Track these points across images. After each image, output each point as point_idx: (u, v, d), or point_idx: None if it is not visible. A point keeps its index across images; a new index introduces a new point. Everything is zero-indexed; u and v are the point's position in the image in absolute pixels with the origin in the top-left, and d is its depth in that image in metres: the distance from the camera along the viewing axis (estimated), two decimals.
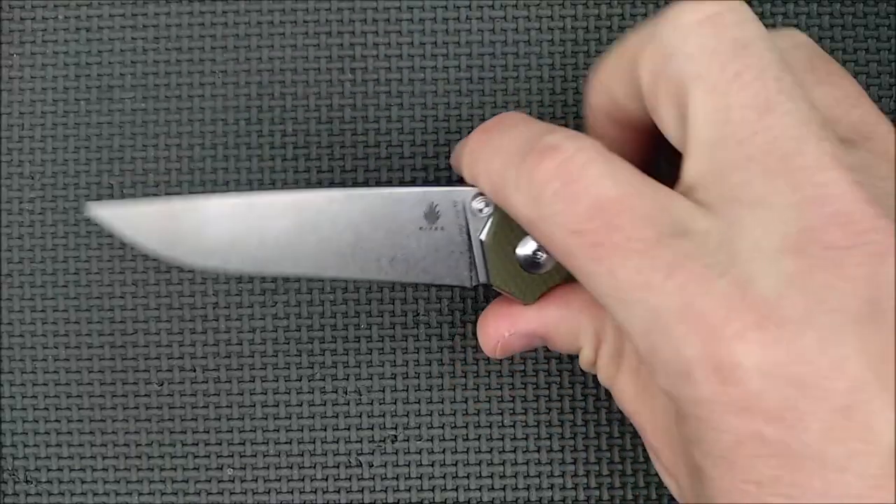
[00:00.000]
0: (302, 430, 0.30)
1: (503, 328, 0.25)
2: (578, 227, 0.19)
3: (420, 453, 0.30)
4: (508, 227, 0.24)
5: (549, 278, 0.24)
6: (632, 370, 0.24)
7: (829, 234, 0.18)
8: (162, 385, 0.30)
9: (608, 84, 0.23)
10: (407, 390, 0.30)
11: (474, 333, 0.30)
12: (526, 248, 0.24)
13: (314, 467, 0.30)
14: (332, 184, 0.30)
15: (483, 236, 0.24)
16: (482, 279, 0.25)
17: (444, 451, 0.30)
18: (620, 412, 0.30)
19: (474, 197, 0.24)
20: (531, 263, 0.24)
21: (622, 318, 0.20)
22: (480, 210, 0.24)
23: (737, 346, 0.18)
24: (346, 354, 0.30)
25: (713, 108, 0.19)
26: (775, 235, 0.18)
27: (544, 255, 0.24)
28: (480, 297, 0.30)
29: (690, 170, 0.20)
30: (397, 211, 0.24)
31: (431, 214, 0.24)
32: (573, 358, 0.30)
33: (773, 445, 0.18)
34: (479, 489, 0.30)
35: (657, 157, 0.22)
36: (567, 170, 0.20)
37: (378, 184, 0.30)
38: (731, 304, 0.18)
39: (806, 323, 0.18)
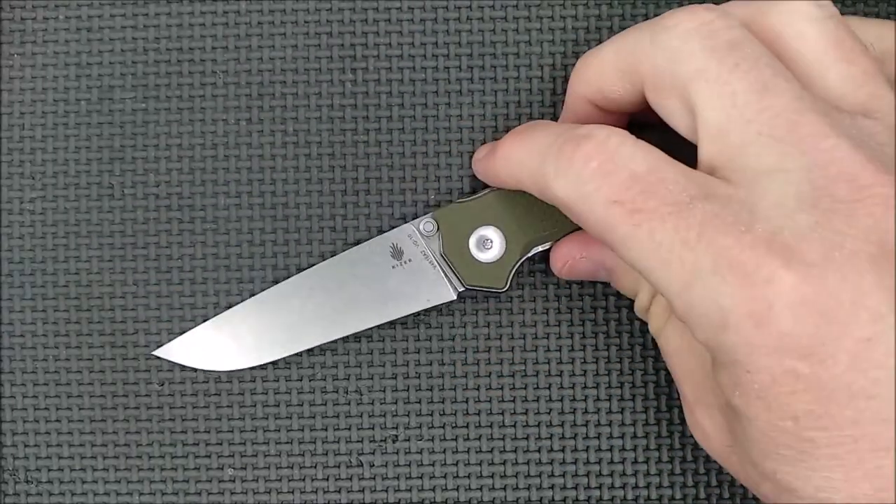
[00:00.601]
0: (303, 430, 0.30)
1: (576, 250, 0.28)
2: (618, 197, 0.22)
3: (421, 453, 0.30)
4: (457, 233, 0.28)
5: (508, 261, 0.28)
6: (678, 324, 0.26)
7: (838, 189, 0.20)
8: (162, 385, 0.30)
9: (599, 77, 0.25)
10: (407, 390, 0.30)
11: (475, 334, 0.30)
12: (475, 243, 0.28)
13: (315, 467, 0.30)
14: (332, 182, 0.30)
15: (442, 250, 0.28)
16: (460, 287, 0.28)
17: (444, 451, 0.30)
18: (620, 412, 0.30)
19: (420, 223, 0.28)
20: (483, 254, 0.28)
21: (661, 278, 0.22)
22: (429, 230, 0.28)
23: (768, 288, 0.20)
24: (347, 354, 0.30)
25: (718, 96, 0.22)
26: (791, 194, 0.21)
27: (491, 243, 0.28)
28: (479, 296, 0.30)
29: (706, 153, 0.22)
30: (370, 260, 0.28)
31: (396, 252, 0.28)
32: (573, 357, 0.30)
33: (806, 380, 0.20)
34: (480, 489, 0.30)
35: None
36: (602, 150, 0.22)
37: (379, 184, 0.30)
38: (759, 253, 0.20)
39: (827, 264, 0.20)
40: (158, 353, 0.29)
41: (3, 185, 0.30)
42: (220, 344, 0.29)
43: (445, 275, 0.28)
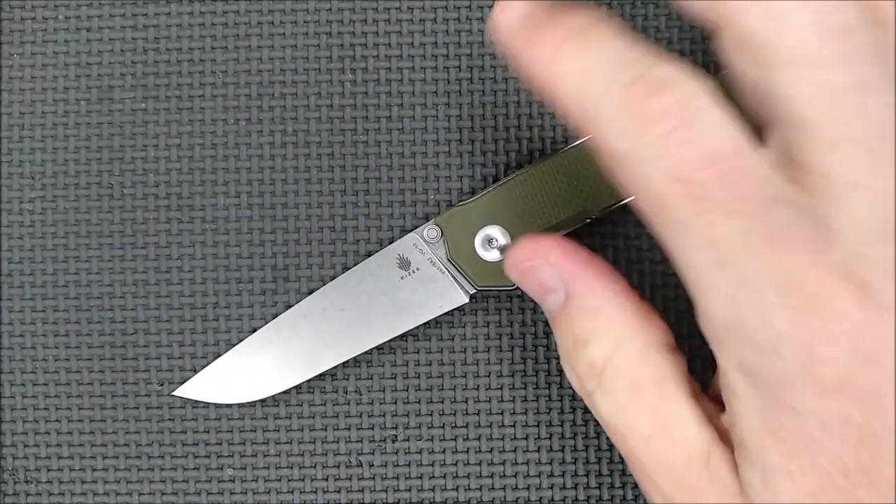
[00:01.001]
0: (302, 430, 0.30)
1: (555, 255, 0.23)
2: (686, 175, 0.18)
3: (420, 453, 0.30)
4: (461, 236, 0.28)
5: None
6: (648, 399, 0.22)
7: None
8: (162, 385, 0.30)
9: None
10: (407, 390, 0.30)
11: (474, 333, 0.30)
12: (481, 243, 0.28)
13: (314, 467, 0.30)
14: (331, 182, 0.30)
15: (448, 255, 0.28)
16: (471, 290, 0.28)
17: (444, 451, 0.30)
18: None
19: (423, 230, 0.28)
20: (490, 253, 0.28)
21: (708, 281, 0.19)
22: (434, 237, 0.28)
23: (835, 322, 0.18)
24: None
25: (816, 86, 0.18)
26: (877, 219, 0.18)
27: (497, 241, 0.28)
28: (478, 296, 0.30)
29: (784, 142, 0.19)
30: (378, 274, 0.28)
31: (403, 263, 0.28)
32: None
33: (860, 429, 0.18)
34: (480, 489, 0.30)
35: None
36: (683, 110, 0.18)
37: (378, 183, 0.30)
38: (834, 282, 0.18)
39: None
40: (178, 392, 0.29)
41: (3, 185, 0.30)
42: (238, 377, 0.29)
43: (455, 279, 0.28)
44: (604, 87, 0.19)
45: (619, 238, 0.30)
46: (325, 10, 0.30)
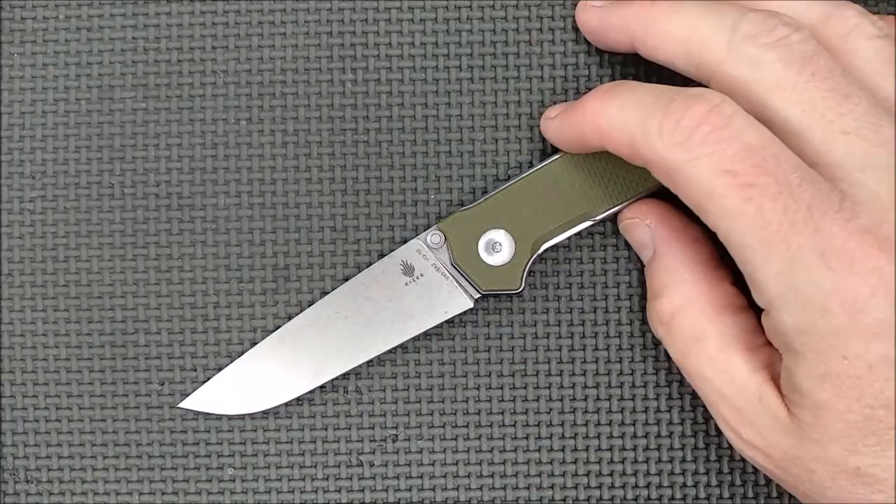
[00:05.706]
0: (303, 430, 0.30)
1: (651, 215, 0.28)
2: (731, 167, 0.22)
3: (421, 453, 0.30)
4: (465, 241, 0.28)
5: (519, 261, 0.28)
6: (711, 346, 0.25)
7: None
8: (162, 385, 0.30)
9: (660, 47, 0.25)
10: (408, 390, 0.30)
11: (475, 333, 0.30)
12: (484, 248, 0.28)
13: (315, 467, 0.30)
14: (332, 182, 0.30)
15: (452, 260, 0.28)
16: (475, 294, 0.28)
17: (444, 451, 0.30)
18: (620, 412, 0.30)
19: (427, 235, 0.28)
20: (494, 257, 0.28)
21: (761, 258, 0.22)
22: (437, 242, 0.28)
23: (872, 278, 0.21)
24: None
25: (798, 102, 0.23)
26: (885, 190, 0.22)
27: (500, 246, 0.28)
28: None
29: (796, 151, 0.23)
30: (382, 281, 0.28)
31: (407, 269, 0.28)
32: (573, 357, 0.30)
33: None
34: (480, 489, 0.30)
35: None
36: (716, 116, 0.22)
37: (379, 183, 0.30)
38: (865, 243, 0.21)
39: None
40: (184, 404, 0.29)
41: (3, 185, 0.30)
42: (244, 387, 0.29)
43: (459, 284, 0.28)
44: (646, 112, 0.23)
45: (620, 237, 0.30)
46: (325, 10, 0.30)
